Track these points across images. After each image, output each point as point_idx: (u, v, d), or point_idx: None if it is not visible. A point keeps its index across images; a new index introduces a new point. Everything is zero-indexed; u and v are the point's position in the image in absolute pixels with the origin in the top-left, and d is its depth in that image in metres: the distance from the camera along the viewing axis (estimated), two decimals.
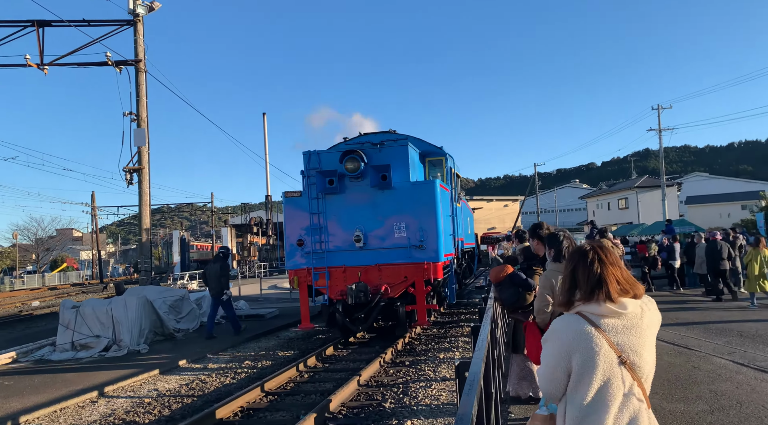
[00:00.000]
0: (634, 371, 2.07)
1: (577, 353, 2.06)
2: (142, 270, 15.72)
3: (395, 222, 10.46)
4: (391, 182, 10.30)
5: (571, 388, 2.10)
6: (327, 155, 10.88)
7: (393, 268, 10.37)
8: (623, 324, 2.09)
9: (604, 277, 2.13)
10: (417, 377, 8.15)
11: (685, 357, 7.76)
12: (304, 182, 10.88)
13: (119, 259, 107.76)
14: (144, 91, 15.89)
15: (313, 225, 10.61)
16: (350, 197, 10.62)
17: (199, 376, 8.90)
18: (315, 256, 10.61)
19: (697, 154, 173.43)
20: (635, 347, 2.07)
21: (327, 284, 10.55)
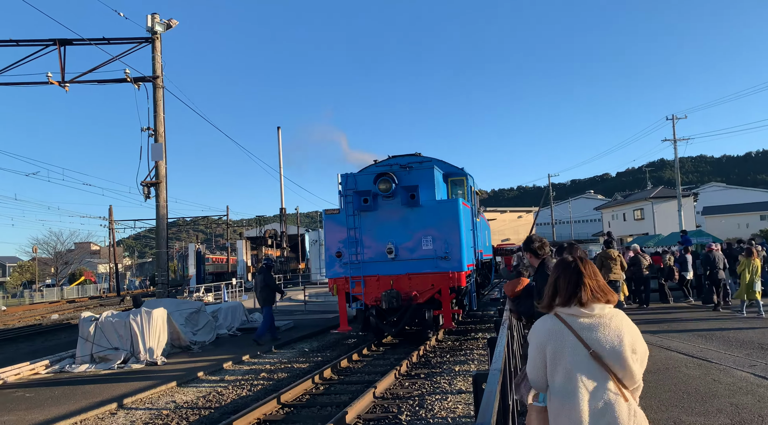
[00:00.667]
0: (605, 364, 2.34)
1: (549, 345, 2.41)
2: (159, 283, 15.90)
3: (423, 236, 11.71)
4: (419, 201, 11.61)
5: (549, 377, 2.42)
6: (362, 177, 12.20)
7: (421, 277, 11.62)
8: (592, 322, 2.41)
9: (580, 286, 2.48)
10: (432, 389, 8.14)
11: (704, 369, 7.66)
12: (341, 200, 12.24)
13: (135, 272, 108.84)
14: (161, 107, 16.19)
15: (350, 239, 11.89)
16: (383, 214, 11.94)
17: (216, 388, 8.97)
18: (352, 266, 11.87)
19: (714, 164, 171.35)
20: (604, 343, 2.35)
21: (363, 291, 11.80)
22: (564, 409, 2.34)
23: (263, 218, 61.70)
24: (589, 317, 2.43)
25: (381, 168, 12.41)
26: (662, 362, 8.10)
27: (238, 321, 15.90)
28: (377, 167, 12.87)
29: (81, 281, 72.83)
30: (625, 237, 50.30)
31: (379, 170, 12.22)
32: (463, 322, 15.69)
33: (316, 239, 46.43)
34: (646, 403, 6.06)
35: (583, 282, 2.51)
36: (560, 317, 2.47)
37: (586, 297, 2.46)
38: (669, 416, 5.62)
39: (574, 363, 2.36)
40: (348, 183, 12.17)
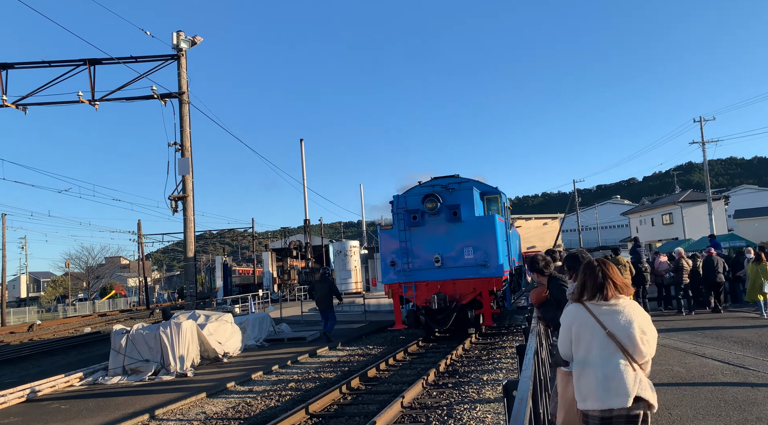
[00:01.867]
0: (618, 340, 3.00)
1: (574, 325, 3.14)
2: (187, 295, 16.14)
3: (465, 247, 13.56)
4: (461, 217, 13.58)
5: (573, 350, 3.14)
6: (411, 198, 14.12)
7: (464, 282, 13.52)
8: (610, 309, 3.09)
9: (604, 284, 3.15)
10: (461, 399, 8.07)
11: (741, 376, 7.44)
12: (394, 217, 14.33)
13: (164, 285, 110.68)
14: (187, 122, 16.52)
15: (402, 250, 13.86)
16: (429, 228, 13.84)
17: (245, 399, 9.04)
18: (404, 273, 13.82)
19: (744, 166, 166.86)
20: (617, 325, 3.03)
21: (414, 294, 13.72)
22: (584, 373, 3.06)
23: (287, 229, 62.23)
24: (608, 306, 3.11)
25: (426, 189, 14.33)
26: (697, 369, 7.90)
27: (265, 332, 16.03)
28: (422, 187, 14.70)
29: (112, 295, 74.34)
30: (653, 242, 49.25)
31: (424, 191, 14.22)
32: (488, 334, 15.56)
33: (340, 249, 46.55)
34: (682, 412, 5.91)
35: (606, 282, 3.16)
36: (585, 305, 3.16)
37: (610, 293, 3.13)
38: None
39: (593, 340, 3.04)
40: (399, 203, 14.11)
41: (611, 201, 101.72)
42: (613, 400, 2.95)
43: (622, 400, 2.93)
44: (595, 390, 2.99)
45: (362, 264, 48.62)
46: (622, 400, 2.93)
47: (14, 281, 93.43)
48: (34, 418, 8.48)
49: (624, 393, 2.93)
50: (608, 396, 2.95)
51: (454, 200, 13.87)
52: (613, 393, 2.94)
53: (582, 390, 3.07)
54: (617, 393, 2.94)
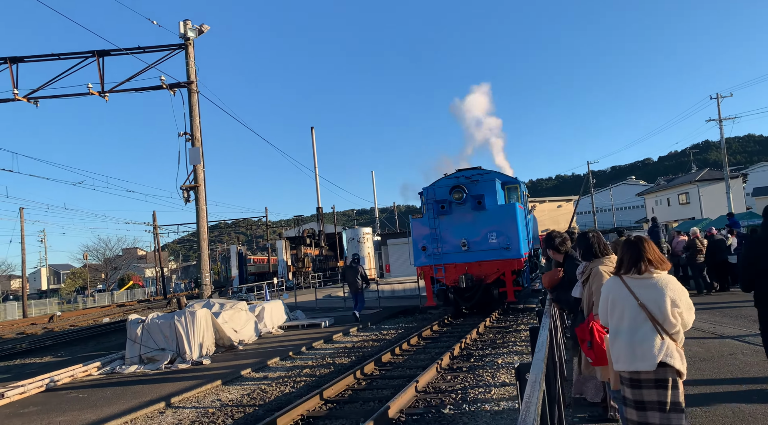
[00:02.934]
0: (649, 311, 3.32)
1: (611, 294, 3.53)
2: (202, 284, 16.25)
3: (489, 232, 14.96)
4: (485, 206, 14.93)
5: (609, 317, 3.53)
6: (439, 189, 15.51)
7: (489, 263, 14.87)
8: (644, 283, 3.41)
9: (640, 260, 3.45)
10: (475, 383, 8.02)
11: (761, 356, 7.27)
12: (423, 206, 16.15)
13: (181, 275, 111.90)
14: (197, 112, 16.49)
15: (432, 235, 15.24)
16: (456, 216, 15.20)
17: (259, 386, 9.09)
18: (434, 257, 15.25)
19: (763, 143, 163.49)
20: (649, 296, 3.35)
21: (444, 275, 15.14)
22: (617, 339, 3.43)
23: (300, 217, 62.36)
24: (642, 279, 3.41)
25: (451, 181, 15.58)
26: (716, 348, 7.75)
27: (280, 319, 16.10)
28: (447, 179, 15.93)
29: (129, 286, 75.40)
30: (670, 223, 48.60)
31: (450, 182, 15.52)
32: (501, 318, 15.50)
33: (353, 236, 46.61)
34: (701, 390, 5.79)
35: (642, 257, 3.45)
36: (621, 278, 3.50)
37: (644, 268, 3.43)
38: (727, 405, 5.36)
39: (625, 309, 3.39)
40: (428, 193, 15.61)
41: (626, 182, 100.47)
42: (639, 363, 3.28)
43: (647, 364, 3.25)
44: (625, 354, 3.35)
45: (375, 251, 48.70)
46: (647, 364, 3.25)
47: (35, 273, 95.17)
48: (53, 407, 8.60)
49: (650, 357, 3.25)
50: (635, 360, 3.30)
51: (478, 190, 15.19)
52: (639, 357, 3.28)
53: (614, 353, 3.46)
54: (643, 358, 3.27)
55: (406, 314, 18.07)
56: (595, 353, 4.25)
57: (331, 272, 52.97)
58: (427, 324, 14.85)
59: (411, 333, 13.61)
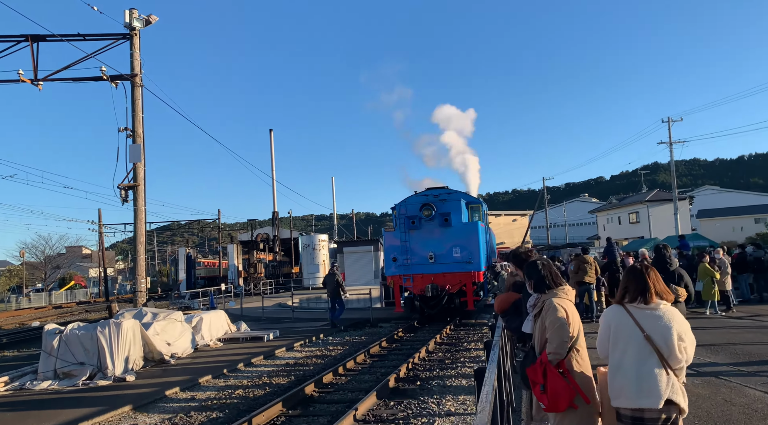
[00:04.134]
0: (655, 344, 3.14)
1: (613, 324, 3.32)
2: (137, 291, 15.16)
3: (453, 247, 16.46)
4: (451, 223, 16.52)
5: (610, 349, 3.30)
6: (410, 206, 17.01)
7: (453, 275, 16.35)
8: (649, 313, 3.25)
9: (647, 289, 3.31)
10: (419, 410, 7.46)
11: (713, 387, 7.02)
12: (395, 221, 17.50)
13: (128, 276, 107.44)
14: (140, 107, 15.48)
15: (403, 248, 16.72)
16: (425, 231, 16.70)
17: (185, 408, 8.25)
18: (404, 267, 16.67)
19: (707, 167, 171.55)
20: (656, 329, 3.17)
21: (411, 284, 16.63)
22: (619, 373, 3.21)
23: (254, 221, 60.75)
24: (648, 309, 3.25)
25: (421, 198, 17.10)
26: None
27: (220, 331, 15.16)
28: (418, 196, 17.38)
29: (70, 286, 71.66)
30: (620, 241, 49.77)
31: (420, 200, 17.05)
32: (452, 336, 15.10)
33: (308, 243, 45.67)
34: None
35: (648, 287, 3.32)
36: (625, 307, 3.33)
37: (650, 297, 3.29)
38: None
39: (630, 341, 3.20)
40: (400, 209, 17.16)
41: (579, 199, 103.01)
42: (644, 400, 3.09)
43: (653, 401, 3.07)
44: (628, 389, 3.14)
45: (331, 258, 47.84)
46: (653, 401, 3.07)
47: None
48: None
49: (656, 394, 3.07)
50: (640, 396, 3.09)
51: (446, 208, 16.73)
52: (645, 393, 3.08)
53: (615, 387, 3.23)
54: (649, 394, 3.08)
55: (357, 327, 17.43)
56: (549, 398, 3.75)
57: (285, 279, 51.74)
58: (377, 339, 14.28)
59: (359, 349, 12.99)
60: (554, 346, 3.76)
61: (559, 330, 3.79)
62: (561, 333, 3.78)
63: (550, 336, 3.84)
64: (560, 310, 3.89)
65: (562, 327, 3.82)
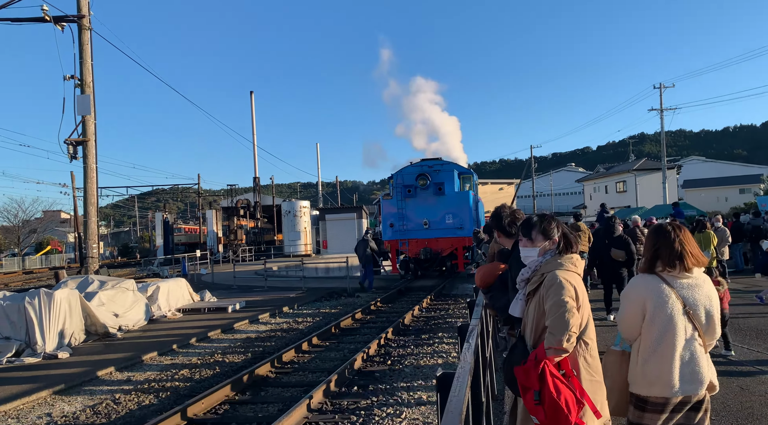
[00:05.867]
0: (696, 320, 2.78)
1: (650, 300, 2.81)
2: (87, 257, 13.87)
3: (446, 214, 17.72)
4: (444, 192, 17.72)
5: (644, 328, 2.81)
6: (407, 176, 18.13)
7: (445, 240, 17.72)
8: (689, 283, 2.83)
9: (684, 254, 2.83)
10: (386, 399, 6.39)
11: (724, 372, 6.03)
12: (392, 189, 18.58)
13: (110, 242, 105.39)
14: (89, 52, 13.88)
15: (399, 215, 17.98)
16: (420, 199, 17.92)
17: (114, 393, 7.10)
18: (400, 232, 17.96)
19: (692, 138, 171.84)
20: (697, 302, 2.80)
21: (407, 248, 17.99)
22: (655, 355, 2.76)
23: (234, 187, 59.04)
24: (688, 278, 2.82)
25: (417, 169, 18.12)
26: None
27: (181, 300, 13.98)
28: (413, 167, 18.43)
29: (47, 251, 69.84)
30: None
31: (415, 170, 18.08)
32: (431, 308, 14.11)
33: (289, 209, 44.34)
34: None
35: (686, 250, 2.82)
36: (662, 277, 2.84)
37: (691, 263, 2.82)
38: None
39: (671, 317, 2.76)
40: (397, 178, 18.24)
41: (566, 168, 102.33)
42: (687, 387, 2.74)
43: (696, 387, 2.76)
44: (668, 376, 2.73)
45: (313, 226, 46.64)
46: (696, 387, 2.76)
47: None
48: None
49: (699, 380, 2.76)
50: (683, 383, 2.73)
51: (440, 178, 17.81)
52: (688, 379, 2.74)
53: (648, 374, 2.79)
54: (692, 380, 2.75)
55: (332, 297, 16.37)
56: (547, 411, 2.63)
57: (268, 246, 50.55)
58: (351, 310, 13.24)
59: (330, 321, 11.94)
60: (557, 338, 2.64)
61: (565, 315, 2.67)
62: (568, 319, 2.65)
63: (551, 323, 2.71)
64: (568, 288, 2.74)
65: (569, 311, 2.68)
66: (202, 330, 11.07)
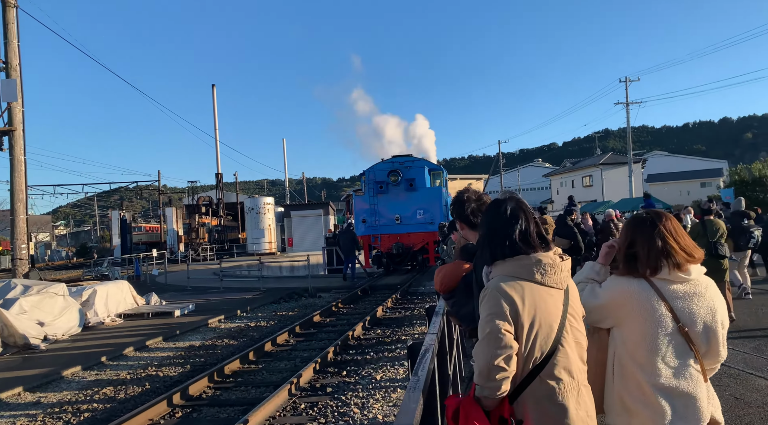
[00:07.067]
0: (691, 339, 2.04)
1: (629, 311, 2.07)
2: (15, 258, 12.54)
3: (417, 209, 17.88)
4: (416, 188, 17.98)
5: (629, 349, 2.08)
6: (378, 172, 18.34)
7: (416, 235, 17.87)
8: (686, 290, 2.07)
9: (675, 248, 2.09)
10: (336, 418, 5.50)
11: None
12: (363, 185, 18.81)
13: (69, 242, 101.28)
14: (14, 32, 12.52)
15: (371, 210, 18.10)
16: (392, 195, 18.08)
17: (16, 419, 6.01)
18: (372, 228, 18.07)
19: (654, 134, 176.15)
20: (696, 316, 2.05)
21: (379, 243, 18.11)
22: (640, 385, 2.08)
23: (195, 184, 57.01)
24: (685, 283, 2.09)
25: (388, 165, 18.51)
26: None
27: (122, 305, 12.78)
28: (385, 163, 18.87)
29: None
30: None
31: (387, 166, 18.42)
32: (395, 308, 13.29)
33: (252, 206, 42.94)
34: None
35: (677, 244, 2.11)
36: (649, 280, 2.10)
37: (682, 259, 2.09)
38: None
39: (660, 337, 2.04)
40: (369, 174, 18.49)
41: (533, 164, 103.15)
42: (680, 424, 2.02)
43: None
44: (657, 410, 2.01)
45: (278, 223, 45.30)
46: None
47: None
48: None
49: (697, 417, 2.02)
50: (675, 419, 2.00)
51: (411, 174, 18.10)
52: (682, 414, 2.01)
53: (628, 404, 2.07)
54: (687, 416, 2.01)
55: (292, 298, 15.37)
56: None
57: (232, 245, 48.99)
58: (311, 312, 12.30)
59: (285, 325, 10.98)
60: (478, 373, 1.88)
61: (487, 344, 1.85)
62: (490, 351, 1.85)
63: (475, 352, 1.92)
64: (500, 304, 1.88)
65: (493, 338, 1.85)
66: (141, 337, 9.96)
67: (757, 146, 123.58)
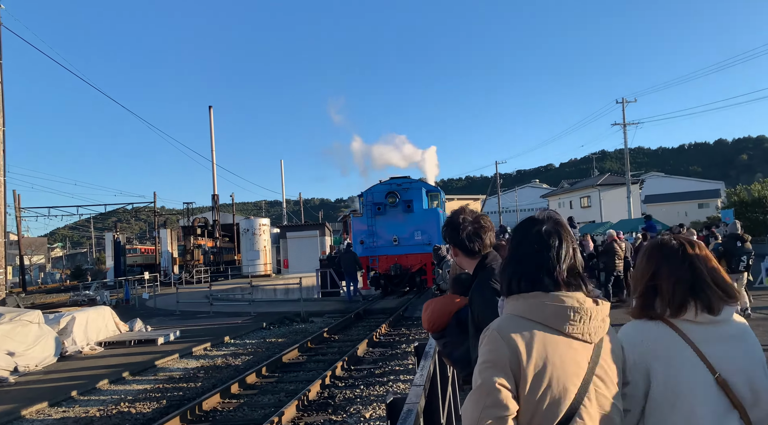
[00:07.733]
0: (734, 394, 1.58)
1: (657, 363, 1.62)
2: None
3: (415, 231, 18.05)
4: (413, 209, 18.12)
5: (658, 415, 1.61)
6: (376, 193, 18.57)
7: (414, 256, 17.85)
8: (719, 332, 1.65)
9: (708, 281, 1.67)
10: None
11: None
12: (361, 207, 19.13)
13: (65, 264, 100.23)
14: None
15: (369, 232, 18.29)
16: (389, 217, 18.28)
17: None
18: (370, 249, 18.16)
19: (651, 155, 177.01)
20: (735, 364, 1.60)
21: (377, 265, 18.11)
22: None
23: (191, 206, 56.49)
24: (717, 325, 1.64)
25: (386, 187, 18.66)
26: None
27: (103, 333, 12.19)
28: (382, 185, 18.95)
29: None
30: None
31: (384, 188, 18.60)
32: (387, 335, 12.75)
33: (248, 227, 42.46)
34: None
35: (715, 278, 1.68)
36: (672, 325, 1.66)
37: (716, 298, 1.65)
38: None
39: (696, 392, 1.58)
40: (367, 196, 18.71)
41: (530, 185, 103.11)
42: None
43: None
44: None
45: (273, 244, 44.73)
46: None
47: None
48: None
49: None
50: None
51: (409, 196, 18.28)
52: None
53: None
54: None
55: (283, 324, 14.79)
56: None
57: (228, 266, 48.31)
58: (301, 339, 11.74)
59: (273, 354, 10.41)
60: None
61: (475, 400, 1.45)
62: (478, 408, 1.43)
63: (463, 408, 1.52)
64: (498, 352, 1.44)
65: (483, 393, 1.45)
66: (119, 368, 9.38)
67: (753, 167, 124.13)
